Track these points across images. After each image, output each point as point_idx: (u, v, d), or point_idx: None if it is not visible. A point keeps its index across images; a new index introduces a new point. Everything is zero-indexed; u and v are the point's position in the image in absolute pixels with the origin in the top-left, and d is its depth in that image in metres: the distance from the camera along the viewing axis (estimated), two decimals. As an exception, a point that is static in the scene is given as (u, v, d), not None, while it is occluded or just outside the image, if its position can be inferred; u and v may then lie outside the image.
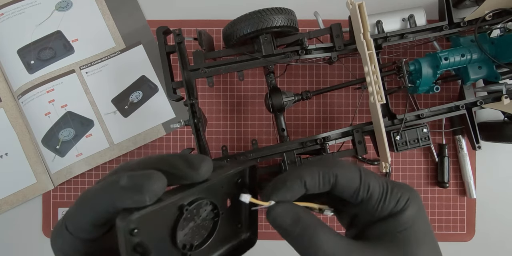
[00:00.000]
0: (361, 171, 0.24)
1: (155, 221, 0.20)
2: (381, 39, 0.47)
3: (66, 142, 0.54)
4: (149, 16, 0.56)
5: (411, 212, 0.24)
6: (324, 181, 0.24)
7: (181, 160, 0.21)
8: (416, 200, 0.24)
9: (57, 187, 0.55)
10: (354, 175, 0.24)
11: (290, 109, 0.55)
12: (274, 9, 0.44)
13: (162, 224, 0.21)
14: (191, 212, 0.22)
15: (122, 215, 0.18)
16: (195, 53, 0.46)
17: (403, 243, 0.23)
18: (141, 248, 0.19)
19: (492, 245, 0.55)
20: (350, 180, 0.24)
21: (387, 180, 0.25)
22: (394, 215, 0.24)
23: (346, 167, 0.24)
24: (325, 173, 0.24)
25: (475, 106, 0.48)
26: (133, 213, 0.18)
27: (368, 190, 0.24)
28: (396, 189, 0.24)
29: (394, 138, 0.45)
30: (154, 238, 0.20)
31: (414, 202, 0.24)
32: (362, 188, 0.24)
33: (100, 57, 0.55)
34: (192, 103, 0.45)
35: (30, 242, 0.56)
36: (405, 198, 0.24)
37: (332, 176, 0.24)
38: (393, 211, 0.24)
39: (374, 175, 0.25)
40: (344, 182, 0.24)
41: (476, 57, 0.45)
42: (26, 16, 0.55)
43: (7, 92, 0.55)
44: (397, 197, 0.24)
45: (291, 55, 0.46)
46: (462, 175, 0.54)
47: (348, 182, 0.24)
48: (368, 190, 0.24)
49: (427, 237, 0.24)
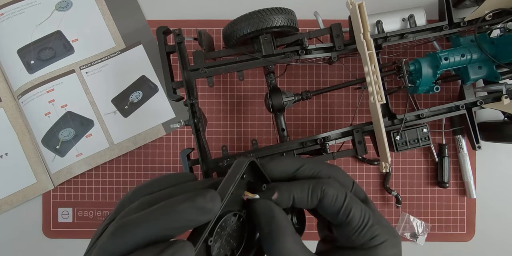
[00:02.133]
0: (347, 194, 0.25)
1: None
2: (381, 39, 0.47)
3: (66, 142, 0.54)
4: (149, 16, 0.56)
5: (385, 252, 0.24)
6: (312, 195, 0.24)
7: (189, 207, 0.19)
8: (393, 246, 0.24)
9: (57, 187, 0.55)
10: (340, 196, 0.24)
11: (290, 109, 0.55)
12: (274, 9, 0.44)
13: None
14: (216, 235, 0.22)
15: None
16: (195, 53, 0.46)
17: None
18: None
19: (492, 245, 0.55)
20: (335, 199, 0.24)
21: (375, 216, 0.25)
22: (365, 249, 0.24)
23: (335, 186, 0.25)
24: (315, 188, 0.24)
25: (475, 106, 0.48)
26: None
27: (348, 215, 0.24)
28: (377, 227, 0.24)
29: (394, 138, 0.45)
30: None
31: (391, 246, 0.24)
32: (343, 211, 0.24)
33: (100, 57, 0.55)
34: (192, 103, 0.45)
35: (30, 242, 0.56)
36: (382, 238, 0.24)
37: (321, 191, 0.24)
38: (366, 245, 0.24)
39: (361, 205, 0.25)
40: (329, 199, 0.24)
41: (476, 57, 0.45)
42: (26, 16, 0.55)
43: (7, 92, 0.55)
44: (374, 234, 0.24)
45: (291, 55, 0.46)
46: (462, 175, 0.54)
47: (332, 201, 0.24)
48: (348, 216, 0.24)
49: None
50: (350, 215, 0.24)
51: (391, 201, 0.55)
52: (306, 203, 0.24)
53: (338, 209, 0.24)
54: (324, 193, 0.24)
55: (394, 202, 0.55)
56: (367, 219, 0.24)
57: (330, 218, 0.25)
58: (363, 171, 0.55)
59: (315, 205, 0.25)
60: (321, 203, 0.24)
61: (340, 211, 0.24)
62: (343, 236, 0.25)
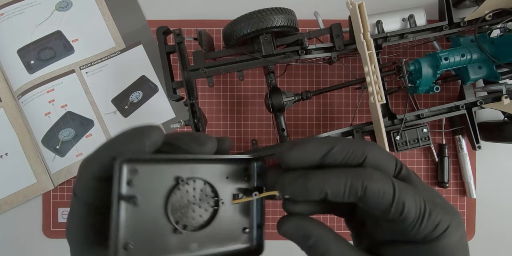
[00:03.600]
0: (395, 185, 0.20)
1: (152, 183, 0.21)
2: (381, 39, 0.47)
3: (66, 142, 0.54)
4: (149, 16, 0.56)
5: (450, 241, 0.20)
6: (350, 192, 0.20)
7: (186, 134, 0.21)
8: (458, 228, 0.21)
9: (57, 187, 0.55)
10: (388, 191, 0.20)
11: (290, 109, 0.55)
12: (274, 9, 0.44)
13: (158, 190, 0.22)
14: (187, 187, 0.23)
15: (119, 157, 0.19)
16: (195, 53, 0.46)
17: None
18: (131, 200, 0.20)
19: (492, 245, 0.55)
20: (381, 196, 0.20)
21: (428, 199, 0.21)
22: (428, 242, 0.20)
23: (378, 180, 0.20)
24: (354, 184, 0.20)
25: (475, 106, 0.48)
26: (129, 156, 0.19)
27: (402, 210, 0.20)
28: (436, 211, 0.20)
29: (394, 138, 0.45)
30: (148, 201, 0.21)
31: (456, 229, 0.20)
32: (395, 207, 0.20)
33: (100, 57, 0.55)
34: (192, 103, 0.45)
35: (30, 242, 0.56)
36: (445, 223, 0.20)
37: (361, 188, 0.20)
38: (428, 237, 0.20)
39: (412, 190, 0.21)
40: (374, 197, 0.20)
41: (476, 57, 0.45)
42: (26, 16, 0.55)
43: (7, 92, 0.55)
44: (436, 222, 0.20)
45: (291, 55, 0.46)
46: (462, 175, 0.54)
47: (378, 199, 0.20)
48: (402, 211, 0.20)
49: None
50: (404, 211, 0.20)
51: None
52: (341, 198, 0.20)
53: (388, 206, 0.20)
54: (367, 190, 0.20)
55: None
56: (424, 207, 0.20)
57: (377, 215, 0.21)
58: (363, 171, 0.55)
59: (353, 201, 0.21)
60: (364, 201, 0.20)
61: (391, 208, 0.20)
62: (397, 232, 0.21)
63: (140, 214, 0.21)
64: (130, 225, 0.20)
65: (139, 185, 0.21)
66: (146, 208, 0.21)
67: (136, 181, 0.21)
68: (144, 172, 0.21)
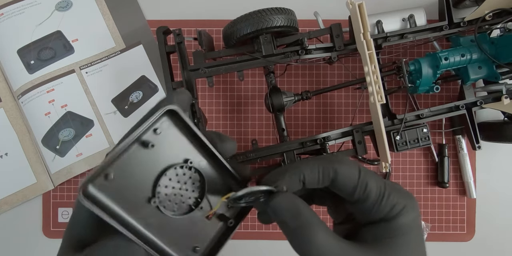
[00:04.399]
0: (360, 169, 0.24)
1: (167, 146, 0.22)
2: (381, 39, 0.47)
3: (66, 142, 0.54)
4: (149, 16, 0.56)
5: (405, 220, 0.23)
6: (324, 175, 0.23)
7: (212, 131, 0.25)
8: (413, 209, 0.24)
9: (57, 187, 0.55)
10: (354, 172, 0.24)
11: (290, 109, 0.55)
12: (274, 9, 0.44)
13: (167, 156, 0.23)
14: (187, 172, 0.24)
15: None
16: (195, 53, 0.46)
17: (394, 251, 0.23)
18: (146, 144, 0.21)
19: (492, 245, 0.55)
20: (349, 177, 0.23)
21: (387, 184, 0.24)
22: (387, 220, 0.23)
23: (346, 163, 0.24)
24: (325, 168, 0.23)
25: (475, 106, 0.48)
26: None
27: (365, 190, 0.23)
28: (393, 194, 0.24)
29: (394, 138, 0.45)
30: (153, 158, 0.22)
31: (411, 210, 0.24)
32: (359, 187, 0.23)
33: (100, 57, 0.55)
34: (192, 103, 0.45)
35: (30, 242, 0.56)
36: (401, 205, 0.24)
37: (332, 171, 0.23)
38: (387, 216, 0.24)
39: (374, 176, 0.24)
40: (343, 178, 0.23)
41: (476, 57, 0.45)
42: (26, 16, 0.55)
43: (7, 92, 0.55)
44: (393, 203, 0.23)
45: (291, 55, 0.46)
46: (462, 175, 0.54)
47: (346, 179, 0.23)
48: (365, 190, 0.23)
49: (419, 248, 0.24)
50: (367, 190, 0.23)
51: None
52: (316, 183, 0.24)
53: (354, 186, 0.23)
54: (337, 172, 0.23)
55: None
56: (384, 189, 0.24)
57: (345, 196, 0.24)
58: (363, 171, 0.55)
59: (327, 185, 0.24)
60: (334, 183, 0.24)
61: (357, 187, 0.23)
62: (362, 213, 0.24)
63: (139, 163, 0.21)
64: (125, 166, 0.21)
65: (158, 139, 0.22)
66: (146, 162, 0.22)
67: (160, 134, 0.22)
68: (169, 133, 0.22)
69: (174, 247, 0.24)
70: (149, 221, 0.22)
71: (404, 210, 0.23)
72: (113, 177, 0.20)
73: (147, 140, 0.21)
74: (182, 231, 0.24)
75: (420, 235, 0.24)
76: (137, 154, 0.21)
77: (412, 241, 0.24)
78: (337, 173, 0.23)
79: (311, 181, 0.24)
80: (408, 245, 0.23)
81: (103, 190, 0.20)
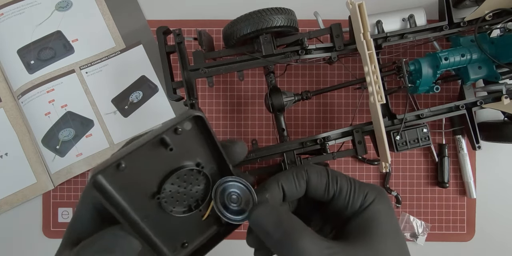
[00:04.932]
0: (327, 168, 0.27)
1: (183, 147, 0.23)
2: (381, 39, 0.47)
3: (66, 142, 0.54)
4: (149, 16, 0.56)
5: (380, 207, 0.25)
6: (298, 179, 0.26)
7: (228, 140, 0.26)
8: (384, 199, 0.26)
9: (57, 187, 0.55)
10: (323, 171, 0.26)
11: (290, 109, 0.55)
12: (274, 9, 0.44)
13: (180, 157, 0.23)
14: (195, 174, 0.24)
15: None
16: (195, 53, 0.46)
17: (377, 237, 0.24)
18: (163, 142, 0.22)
19: (492, 245, 0.55)
20: (319, 175, 0.26)
21: (354, 179, 0.27)
22: (364, 209, 0.25)
23: (314, 166, 0.27)
24: (298, 172, 0.26)
25: (475, 106, 0.48)
26: None
27: (337, 184, 0.26)
28: (363, 186, 0.26)
29: (394, 138, 0.45)
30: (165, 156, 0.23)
31: (382, 199, 0.26)
32: (331, 182, 0.26)
33: (100, 57, 0.55)
34: (192, 103, 0.45)
35: (30, 242, 0.56)
36: (372, 194, 0.26)
37: (304, 172, 0.26)
38: (362, 206, 0.25)
39: (341, 173, 0.27)
40: (315, 178, 0.26)
41: (476, 57, 0.45)
42: (26, 16, 0.55)
43: (7, 92, 0.55)
44: (365, 193, 0.26)
45: (291, 55, 0.46)
46: (462, 175, 0.54)
47: (318, 178, 0.26)
48: (337, 184, 0.26)
49: (398, 234, 0.25)
50: (339, 184, 0.26)
51: (391, 201, 0.55)
52: (296, 189, 0.26)
53: (326, 181, 0.26)
54: (309, 173, 0.26)
55: (394, 202, 0.55)
56: (354, 182, 0.26)
57: (321, 196, 0.26)
58: (363, 171, 0.55)
59: (304, 190, 0.26)
60: (309, 184, 0.26)
61: (329, 182, 0.26)
62: (339, 210, 0.26)
63: (153, 159, 0.22)
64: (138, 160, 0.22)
65: (176, 140, 0.23)
66: (159, 159, 0.23)
67: (179, 135, 0.23)
68: (188, 135, 0.23)
69: (165, 241, 0.24)
70: (148, 214, 0.23)
71: (376, 199, 0.26)
72: (124, 168, 0.21)
73: (166, 139, 0.22)
74: (177, 227, 0.25)
75: (396, 224, 0.26)
76: (153, 151, 0.22)
77: (390, 230, 0.25)
78: (309, 174, 0.26)
79: (289, 187, 0.26)
80: (387, 234, 0.25)
81: (112, 179, 0.21)
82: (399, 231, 0.26)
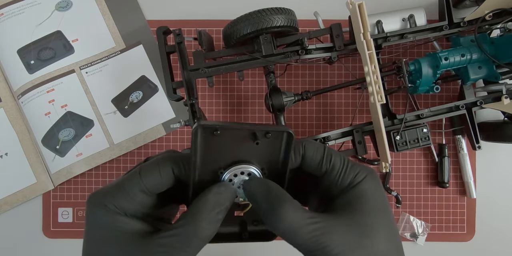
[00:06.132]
0: (325, 145, 0.28)
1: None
2: (381, 39, 0.47)
3: (66, 142, 0.54)
4: (149, 16, 0.56)
5: (369, 185, 0.26)
6: (295, 151, 0.27)
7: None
8: (374, 178, 0.27)
9: (57, 187, 0.55)
10: (320, 147, 0.27)
11: (290, 109, 0.55)
12: (274, 9, 0.44)
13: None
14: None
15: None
16: (195, 53, 0.46)
17: (364, 212, 0.25)
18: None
19: (492, 245, 0.55)
20: (316, 150, 0.27)
21: (349, 159, 0.28)
22: (353, 186, 0.26)
23: (313, 141, 0.28)
24: (296, 145, 0.27)
25: (475, 106, 0.48)
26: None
27: (330, 160, 0.27)
28: (355, 165, 0.27)
29: (394, 138, 0.45)
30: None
31: (372, 178, 0.27)
32: (326, 158, 0.27)
33: (100, 57, 0.55)
34: (192, 103, 0.45)
35: (30, 242, 0.56)
36: (363, 173, 0.27)
37: (302, 147, 0.27)
38: (352, 182, 0.26)
39: (338, 152, 0.28)
40: (311, 152, 0.27)
41: (476, 57, 0.45)
42: (26, 16, 0.55)
43: (7, 92, 0.55)
44: (356, 171, 0.27)
45: (291, 55, 0.46)
46: (462, 175, 0.54)
47: (314, 152, 0.27)
48: (331, 161, 0.27)
49: (386, 212, 0.26)
50: (332, 160, 0.27)
51: (391, 201, 0.55)
52: (292, 161, 0.27)
53: (321, 158, 0.27)
54: (306, 148, 0.27)
55: (394, 202, 0.55)
56: (347, 160, 0.27)
57: (314, 170, 0.27)
58: (363, 171, 0.55)
59: (299, 163, 0.27)
60: (305, 157, 0.27)
61: (323, 159, 0.27)
62: (330, 184, 0.27)
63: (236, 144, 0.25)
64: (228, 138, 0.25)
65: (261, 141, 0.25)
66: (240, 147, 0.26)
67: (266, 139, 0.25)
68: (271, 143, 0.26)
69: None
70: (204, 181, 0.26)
71: (366, 178, 0.26)
72: (216, 135, 0.24)
73: (258, 134, 0.25)
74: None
75: (384, 202, 0.27)
76: (242, 138, 0.25)
77: (378, 207, 0.26)
78: (306, 148, 0.27)
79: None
80: (375, 211, 0.26)
81: (203, 136, 0.24)
82: (387, 208, 0.27)
